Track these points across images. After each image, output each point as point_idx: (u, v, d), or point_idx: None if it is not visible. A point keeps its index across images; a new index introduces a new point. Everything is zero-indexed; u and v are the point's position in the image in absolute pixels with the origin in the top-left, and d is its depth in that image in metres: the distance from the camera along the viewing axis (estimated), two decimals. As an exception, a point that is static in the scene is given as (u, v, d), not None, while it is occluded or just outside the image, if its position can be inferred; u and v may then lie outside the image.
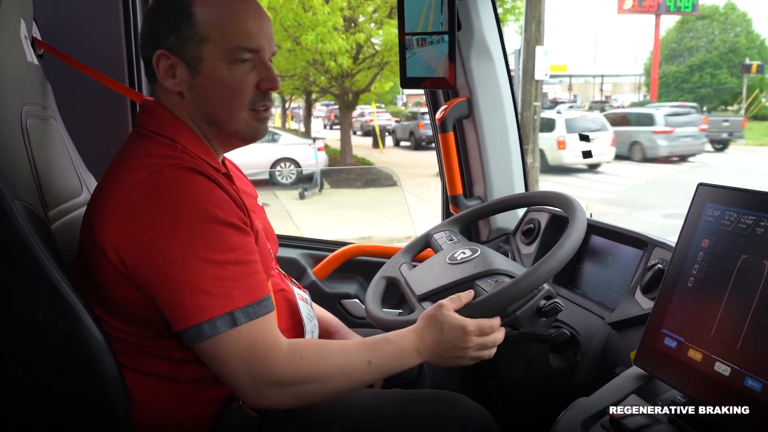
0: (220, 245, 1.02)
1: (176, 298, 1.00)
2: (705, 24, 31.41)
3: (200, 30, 1.10)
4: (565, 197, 1.42)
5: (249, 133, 1.17)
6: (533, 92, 9.43)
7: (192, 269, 0.99)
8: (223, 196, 1.06)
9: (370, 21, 13.06)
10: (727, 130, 16.42)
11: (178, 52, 1.11)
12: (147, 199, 1.02)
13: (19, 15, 1.25)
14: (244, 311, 1.01)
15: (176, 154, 1.08)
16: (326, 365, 1.07)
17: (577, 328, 1.47)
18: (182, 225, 1.00)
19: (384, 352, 1.12)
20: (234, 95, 1.12)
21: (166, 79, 1.13)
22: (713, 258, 0.98)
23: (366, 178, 11.58)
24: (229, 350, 1.00)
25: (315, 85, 15.56)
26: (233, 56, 1.10)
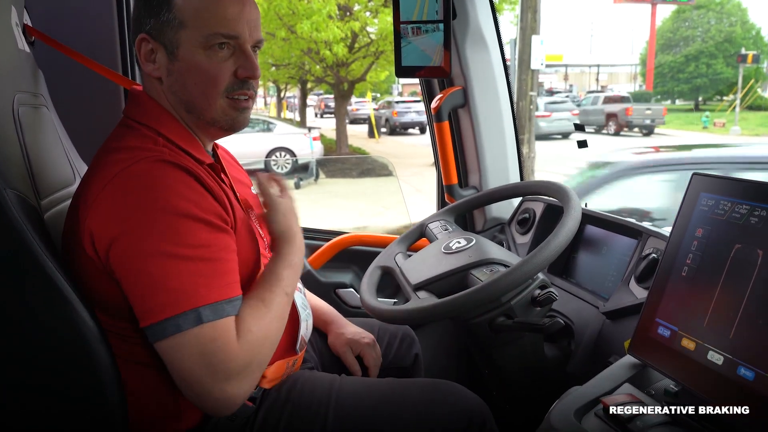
0: (190, 240, 1.00)
1: (142, 293, 0.99)
2: (701, 14, 31.36)
3: (178, 14, 1.09)
4: (560, 187, 1.42)
5: (227, 121, 1.15)
6: (529, 82, 9.41)
7: (160, 264, 0.98)
8: (199, 190, 1.04)
9: (366, 9, 12.99)
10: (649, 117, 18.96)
11: (157, 37, 1.10)
12: (120, 192, 1.01)
13: (10, 2, 1.23)
14: (212, 308, 1.00)
15: (155, 147, 1.07)
16: (265, 323, 1.07)
17: (571, 318, 1.48)
18: (152, 218, 0.99)
19: (289, 278, 1.15)
20: (210, 82, 1.10)
21: (146, 63, 1.12)
22: (707, 247, 0.98)
23: (361, 168, 11.57)
24: (190, 348, 0.98)
25: (310, 74, 15.50)
26: (209, 42, 1.09)
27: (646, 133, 18.91)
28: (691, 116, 24.52)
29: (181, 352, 0.99)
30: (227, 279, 1.04)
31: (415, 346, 1.61)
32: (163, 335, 0.99)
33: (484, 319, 1.28)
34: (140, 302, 1.00)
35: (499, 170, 1.98)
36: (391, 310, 1.32)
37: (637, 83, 38.67)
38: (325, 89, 21.95)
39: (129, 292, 1.01)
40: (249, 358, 1.03)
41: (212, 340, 0.99)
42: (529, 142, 9.22)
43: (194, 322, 0.98)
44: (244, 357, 1.02)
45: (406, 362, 1.58)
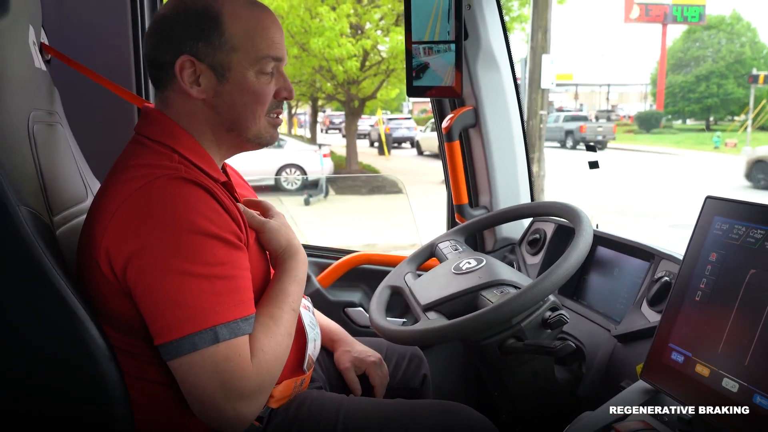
0: (208, 258, 1.01)
1: (158, 311, 0.99)
2: (711, 34, 31.36)
3: (230, 39, 1.12)
4: (572, 208, 1.41)
5: (266, 138, 1.20)
6: (539, 101, 9.42)
7: (177, 282, 0.98)
8: (216, 208, 1.05)
9: (377, 28, 13.10)
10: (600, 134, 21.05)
11: (205, 59, 1.12)
12: (138, 210, 1.01)
13: (28, 21, 1.25)
14: (228, 327, 1.00)
15: (172, 165, 1.08)
16: (276, 341, 1.08)
17: (582, 340, 1.46)
18: (171, 236, 0.99)
19: (295, 293, 1.17)
20: (258, 102, 1.15)
21: (190, 85, 1.13)
22: (721, 272, 0.97)
23: (371, 185, 11.59)
24: (204, 367, 0.99)
25: (321, 91, 15.60)
26: (261, 65, 1.14)
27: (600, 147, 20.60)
28: (702, 136, 24.43)
29: (195, 370, 0.99)
30: (242, 296, 1.04)
31: (423, 367, 1.60)
32: (178, 353, 0.98)
33: (494, 340, 1.27)
34: (156, 320, 1.00)
35: (510, 190, 1.97)
36: (400, 331, 1.31)
37: (647, 103, 38.62)
38: (335, 107, 22.10)
39: (144, 310, 1.01)
40: (262, 378, 1.03)
41: (227, 360, 0.99)
42: (539, 161, 9.21)
43: (211, 341, 0.98)
44: (257, 376, 1.02)
45: (415, 383, 1.57)
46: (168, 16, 1.13)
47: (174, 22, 1.12)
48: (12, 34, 1.15)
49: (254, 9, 1.15)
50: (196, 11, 1.11)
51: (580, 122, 21.54)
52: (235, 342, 1.00)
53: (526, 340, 1.26)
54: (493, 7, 1.87)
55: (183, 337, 0.98)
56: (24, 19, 1.22)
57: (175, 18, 1.12)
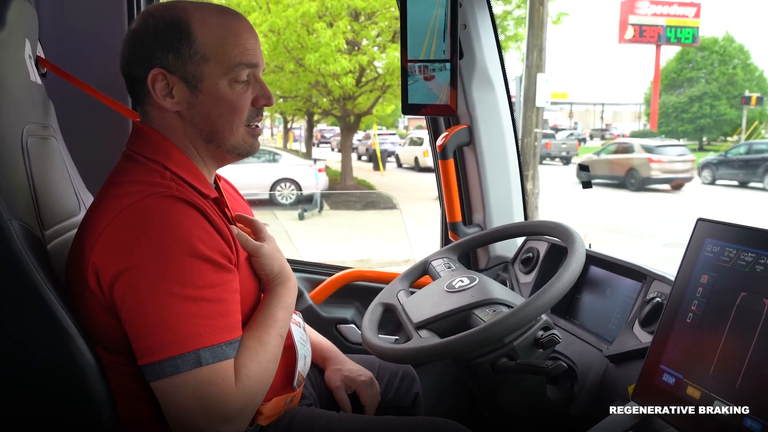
0: (196, 281, 0.99)
1: (143, 331, 0.98)
2: (704, 56, 31.73)
3: (200, 49, 1.10)
4: (564, 228, 1.41)
5: (245, 148, 1.17)
6: (534, 119, 9.48)
7: (164, 304, 0.97)
8: (207, 228, 1.04)
9: (374, 44, 13.18)
10: (564, 150, 23.66)
11: (176, 71, 1.10)
12: (128, 227, 1.00)
13: (25, 35, 1.26)
14: (211, 351, 0.99)
15: (163, 182, 1.07)
16: (262, 367, 1.06)
17: (574, 360, 1.46)
18: (160, 256, 0.98)
19: (284, 319, 1.16)
20: (233, 112, 1.13)
21: (163, 98, 1.11)
22: (712, 294, 0.97)
23: (366, 201, 11.61)
24: (186, 390, 0.97)
25: (317, 106, 15.65)
26: (234, 74, 1.11)
27: (565, 162, 23.44)
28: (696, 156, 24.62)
29: (177, 393, 0.98)
30: (229, 320, 1.03)
31: (415, 385, 1.59)
32: (161, 375, 0.97)
33: (486, 359, 1.26)
34: (140, 340, 0.99)
35: (503, 209, 1.98)
36: (392, 349, 1.30)
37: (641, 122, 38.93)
38: (331, 122, 22.17)
39: (129, 329, 1.00)
40: (245, 402, 1.02)
41: (209, 383, 0.98)
42: (533, 179, 9.25)
43: (193, 365, 0.97)
44: (240, 401, 1.01)
45: (407, 401, 1.56)
46: (138, 30, 1.12)
47: (144, 35, 1.10)
48: (8, 48, 1.16)
49: (225, 16, 1.13)
50: (165, 23, 1.10)
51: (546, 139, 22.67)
52: (218, 366, 0.99)
53: (518, 360, 1.25)
54: (489, 26, 1.88)
55: (166, 359, 0.97)
56: (20, 33, 1.23)
57: (144, 31, 1.11)
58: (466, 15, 1.83)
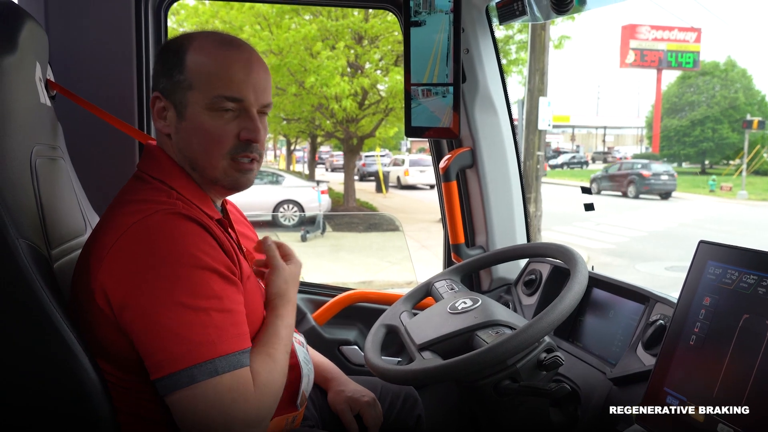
0: (206, 291, 1.01)
1: (156, 345, 0.99)
2: (706, 80, 31.92)
3: (188, 76, 1.13)
4: (567, 250, 1.42)
5: (228, 182, 1.17)
6: (536, 142, 9.54)
7: (176, 315, 0.98)
8: (211, 243, 1.06)
9: (376, 68, 13.29)
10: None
11: (169, 96, 1.15)
12: (135, 244, 1.02)
13: (35, 58, 1.28)
14: (227, 360, 1.00)
15: (169, 200, 1.09)
16: (273, 377, 1.08)
17: (577, 383, 1.45)
18: (168, 269, 1.00)
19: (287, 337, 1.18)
20: (213, 143, 1.13)
21: (158, 120, 1.17)
22: (715, 316, 0.98)
23: (368, 223, 11.61)
24: (206, 400, 0.98)
25: (320, 129, 15.73)
26: (214, 104, 1.12)
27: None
28: (697, 179, 24.67)
29: (196, 403, 0.98)
30: (239, 330, 1.05)
31: (418, 407, 1.58)
32: (176, 387, 0.98)
33: (489, 381, 1.26)
34: (153, 354, 0.99)
35: (506, 231, 1.98)
36: (395, 370, 1.30)
37: (643, 146, 39.03)
38: (334, 144, 22.32)
39: (141, 344, 1.01)
40: (264, 408, 1.04)
41: (230, 390, 0.99)
42: (536, 201, 9.27)
43: (210, 374, 0.98)
44: (260, 406, 1.03)
45: (409, 423, 1.55)
46: (156, 56, 1.21)
47: (157, 61, 1.19)
48: (19, 71, 1.18)
49: (221, 48, 1.14)
50: (169, 49, 1.16)
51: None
52: (235, 374, 1.00)
53: (521, 382, 1.25)
54: (491, 51, 1.91)
55: (181, 371, 0.97)
56: (31, 56, 1.25)
57: (158, 57, 1.19)
58: (469, 40, 1.85)
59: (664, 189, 19.01)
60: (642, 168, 19.63)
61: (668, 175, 19.56)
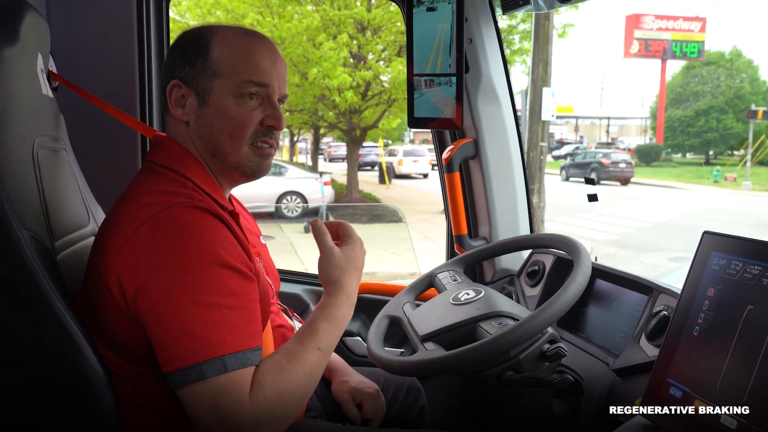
0: (222, 288, 1.01)
1: (169, 339, 0.99)
2: (710, 70, 31.72)
3: (213, 64, 1.14)
4: (570, 240, 1.41)
5: (250, 167, 1.18)
6: (540, 132, 9.51)
7: (190, 311, 0.98)
8: (230, 239, 1.06)
9: (379, 59, 13.25)
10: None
11: (190, 83, 1.16)
12: (154, 237, 1.01)
13: (37, 49, 1.27)
14: (236, 357, 0.99)
15: (186, 192, 1.09)
16: (286, 378, 1.03)
17: (580, 374, 1.45)
18: (187, 266, 1.00)
19: (325, 331, 1.12)
20: (237, 128, 1.15)
21: (175, 108, 1.17)
22: (719, 307, 0.97)
23: (371, 214, 11.61)
24: (203, 397, 0.97)
25: (323, 120, 15.71)
26: (241, 89, 1.14)
27: None
28: (701, 170, 24.57)
29: (198, 399, 0.98)
30: (252, 328, 1.04)
31: (421, 398, 1.59)
32: (186, 382, 0.98)
33: (492, 372, 1.26)
34: (166, 348, 0.99)
35: (509, 222, 1.98)
36: (398, 361, 1.30)
37: (647, 136, 38.90)
38: (337, 135, 22.33)
39: (154, 337, 1.01)
40: (259, 413, 0.99)
41: (226, 391, 0.98)
42: (539, 192, 9.25)
43: (219, 371, 0.97)
44: (254, 411, 0.99)
45: (412, 414, 1.56)
46: (172, 46, 1.20)
47: (174, 50, 1.19)
48: (21, 63, 1.18)
49: (244, 37, 1.17)
50: (189, 40, 1.18)
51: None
52: (240, 373, 0.99)
53: (524, 373, 1.25)
54: (494, 41, 1.90)
55: (192, 366, 0.97)
56: (33, 48, 1.25)
57: (176, 47, 1.19)
58: (472, 29, 1.84)
59: (623, 175, 20.69)
60: (602, 157, 21.67)
61: (626, 163, 21.38)
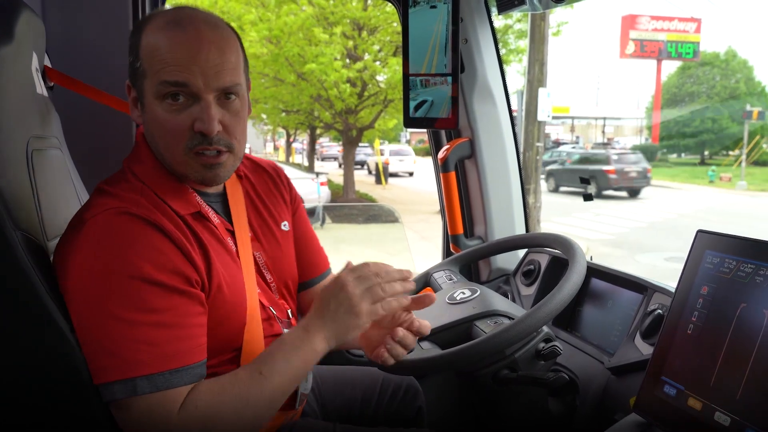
0: (140, 304, 0.94)
1: (89, 353, 0.96)
2: (706, 70, 31.81)
3: (141, 62, 1.03)
4: (565, 240, 1.42)
5: (196, 177, 1.06)
6: (535, 133, 9.53)
7: (104, 326, 0.93)
8: (162, 248, 0.97)
9: (375, 59, 13.26)
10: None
11: (134, 84, 1.06)
12: (83, 244, 0.97)
13: (32, 48, 1.27)
14: (149, 380, 0.93)
15: (127, 196, 1.03)
16: (221, 400, 0.96)
17: (576, 372, 1.46)
18: (104, 278, 0.94)
19: (271, 355, 1.01)
20: (167, 135, 1.03)
21: (133, 109, 1.09)
22: (713, 305, 0.98)
23: (368, 214, 11.60)
24: (130, 414, 0.94)
25: (319, 120, 15.71)
26: (159, 92, 1.01)
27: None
28: (697, 170, 24.65)
29: (122, 416, 0.95)
30: (178, 346, 0.96)
31: (419, 398, 1.59)
32: (104, 397, 0.96)
33: (488, 371, 1.27)
34: (89, 361, 0.97)
35: (505, 221, 1.99)
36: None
37: (643, 136, 38.98)
38: (333, 135, 22.36)
39: (82, 348, 0.97)
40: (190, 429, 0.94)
41: (148, 411, 0.93)
42: (535, 192, 9.27)
43: (129, 392, 0.93)
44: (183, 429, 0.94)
45: (410, 414, 1.56)
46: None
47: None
48: (15, 62, 1.17)
49: (166, 29, 1.02)
50: (132, 31, 1.07)
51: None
52: (158, 396, 0.93)
53: (519, 372, 1.26)
54: (490, 41, 1.90)
55: (105, 384, 0.95)
56: (28, 47, 1.24)
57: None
58: (467, 30, 1.84)
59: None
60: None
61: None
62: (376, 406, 1.50)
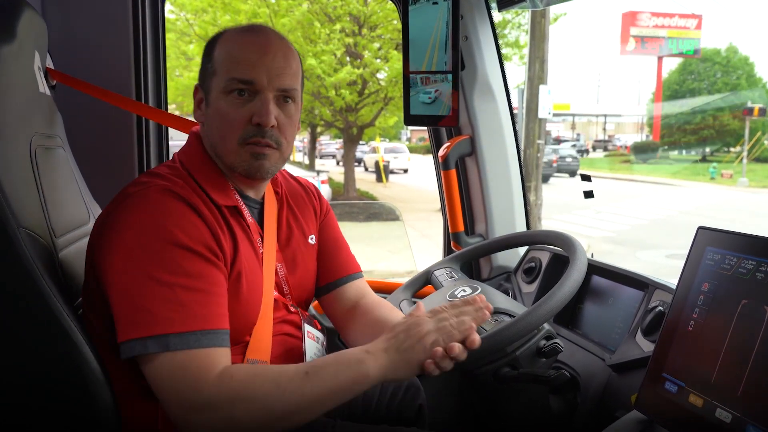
0: (175, 268, 1.02)
1: (121, 311, 1.01)
2: (707, 67, 31.78)
3: (214, 64, 1.17)
4: (566, 237, 1.42)
5: (243, 167, 1.16)
6: (536, 130, 9.51)
7: (140, 285, 1.00)
8: (194, 221, 1.07)
9: (375, 56, 13.24)
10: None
11: (202, 85, 1.20)
12: (124, 215, 1.05)
13: (34, 47, 1.27)
14: (181, 338, 0.98)
15: (172, 179, 1.12)
16: (257, 381, 1.00)
17: (577, 370, 1.46)
18: (143, 241, 1.02)
19: (325, 362, 1.04)
20: (226, 126, 1.14)
21: (196, 109, 1.22)
22: (713, 302, 0.98)
23: (368, 212, 11.60)
24: (156, 372, 0.99)
25: (320, 118, 15.69)
26: (227, 87, 1.14)
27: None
28: (698, 167, 24.63)
29: (154, 373, 0.99)
30: (206, 310, 1.03)
31: (420, 396, 1.59)
32: (131, 353, 0.99)
33: (489, 369, 1.27)
34: (119, 319, 1.01)
35: (506, 218, 1.99)
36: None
37: (644, 133, 38.95)
38: (334, 134, 22.35)
39: (114, 311, 1.02)
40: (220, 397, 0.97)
41: (182, 368, 0.98)
42: (536, 190, 9.26)
43: (161, 348, 0.98)
44: (215, 393, 0.97)
45: (411, 413, 1.56)
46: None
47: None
48: (18, 61, 1.17)
49: (242, 34, 1.18)
50: (206, 43, 1.22)
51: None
52: (191, 353, 0.99)
53: (520, 369, 1.26)
54: (490, 38, 1.90)
55: (135, 339, 0.98)
56: (30, 45, 1.25)
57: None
58: (467, 27, 1.84)
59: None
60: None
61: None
62: (377, 404, 1.50)
